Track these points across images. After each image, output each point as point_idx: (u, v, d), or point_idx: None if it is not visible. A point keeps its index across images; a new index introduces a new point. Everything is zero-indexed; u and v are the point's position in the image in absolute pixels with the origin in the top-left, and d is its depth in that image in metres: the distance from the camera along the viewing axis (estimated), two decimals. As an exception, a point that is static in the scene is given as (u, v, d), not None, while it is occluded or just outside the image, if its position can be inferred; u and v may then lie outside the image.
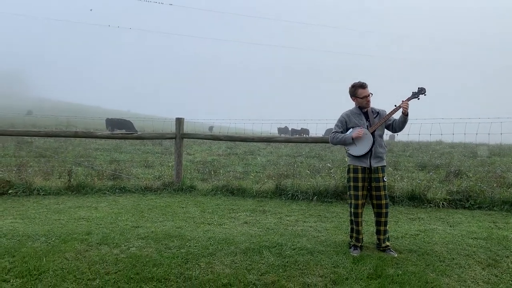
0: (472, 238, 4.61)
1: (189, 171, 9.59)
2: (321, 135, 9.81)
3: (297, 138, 8.87)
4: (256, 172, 9.92)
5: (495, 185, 7.04)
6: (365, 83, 4.11)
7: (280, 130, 37.16)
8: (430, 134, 6.75)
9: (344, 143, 4.15)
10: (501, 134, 6.57)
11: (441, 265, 3.78)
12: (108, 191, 7.27)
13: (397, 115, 4.14)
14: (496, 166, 10.24)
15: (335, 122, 4.32)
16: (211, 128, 39.05)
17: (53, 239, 4.25)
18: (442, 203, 6.32)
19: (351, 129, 4.18)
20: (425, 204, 6.39)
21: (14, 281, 3.30)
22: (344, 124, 4.22)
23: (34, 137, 15.30)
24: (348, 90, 4.20)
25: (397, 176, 8.69)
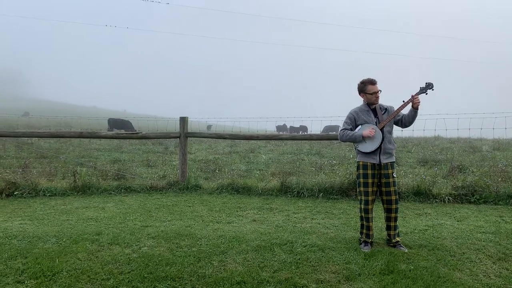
0: (480, 233, 4.63)
1: (192, 170, 9.59)
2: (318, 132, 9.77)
3: (302, 135, 8.87)
4: (260, 170, 9.93)
5: (499, 179, 7.07)
6: (375, 80, 4.11)
7: (278, 128, 37.08)
8: (435, 130, 6.77)
9: (354, 140, 4.16)
10: (505, 128, 6.60)
11: (452, 259, 3.80)
12: (113, 191, 7.27)
13: (405, 111, 4.15)
14: (497, 161, 10.27)
15: (344, 119, 4.34)
16: (209, 127, 38.94)
17: (64, 240, 4.25)
18: (448, 198, 6.35)
19: (359, 126, 4.19)
20: (431, 199, 6.42)
21: (28, 282, 3.30)
22: (353, 121, 4.23)
23: (34, 138, 15.22)
24: (357, 86, 4.21)
25: (401, 172, 8.72)
